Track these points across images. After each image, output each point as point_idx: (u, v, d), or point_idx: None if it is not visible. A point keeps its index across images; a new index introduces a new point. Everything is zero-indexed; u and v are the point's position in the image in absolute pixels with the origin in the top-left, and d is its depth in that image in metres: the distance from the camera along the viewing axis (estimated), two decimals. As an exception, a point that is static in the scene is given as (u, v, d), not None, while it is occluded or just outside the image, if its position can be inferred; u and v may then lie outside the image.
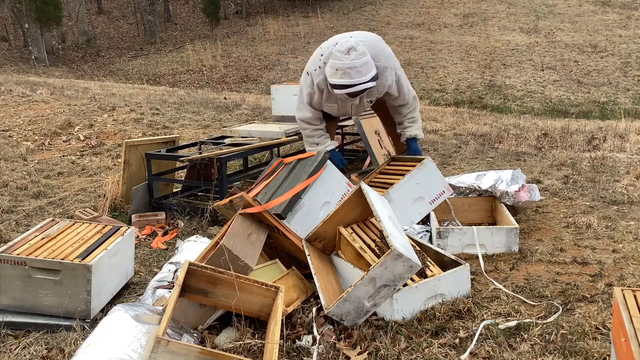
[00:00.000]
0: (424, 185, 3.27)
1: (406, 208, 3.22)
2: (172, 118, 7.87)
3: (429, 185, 3.29)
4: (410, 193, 3.24)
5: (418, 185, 3.26)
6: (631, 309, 1.83)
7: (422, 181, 3.26)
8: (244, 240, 2.68)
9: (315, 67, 3.50)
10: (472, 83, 16.43)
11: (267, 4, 30.11)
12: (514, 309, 2.56)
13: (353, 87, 3.25)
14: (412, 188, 3.25)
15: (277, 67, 19.84)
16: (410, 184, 3.24)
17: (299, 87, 3.69)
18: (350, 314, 2.40)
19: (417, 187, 3.26)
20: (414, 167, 3.27)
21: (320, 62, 3.47)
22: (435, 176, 3.33)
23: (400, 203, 3.17)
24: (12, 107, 8.49)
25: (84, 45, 25.52)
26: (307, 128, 3.68)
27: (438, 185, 3.33)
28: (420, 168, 3.26)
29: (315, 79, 3.49)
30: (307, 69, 3.57)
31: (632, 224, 3.63)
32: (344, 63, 3.22)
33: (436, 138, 6.89)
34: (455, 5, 25.54)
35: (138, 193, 4.13)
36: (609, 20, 21.80)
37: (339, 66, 3.24)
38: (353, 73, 3.22)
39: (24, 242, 2.69)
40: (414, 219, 3.31)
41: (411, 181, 3.24)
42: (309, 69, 3.55)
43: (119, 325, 2.15)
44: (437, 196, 3.32)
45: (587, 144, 6.40)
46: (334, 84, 3.30)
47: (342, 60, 3.23)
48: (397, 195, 3.19)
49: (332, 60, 3.29)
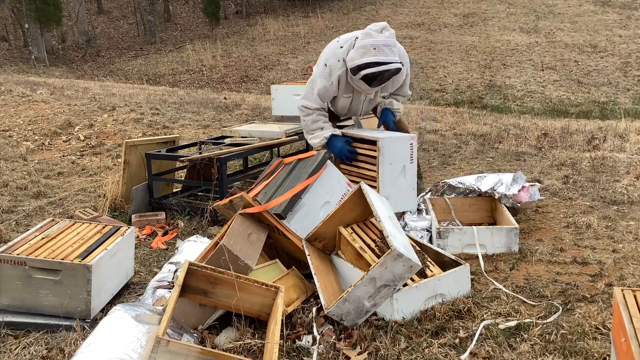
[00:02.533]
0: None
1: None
2: (172, 118, 7.87)
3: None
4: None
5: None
6: (631, 309, 1.83)
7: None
8: (244, 240, 2.68)
9: (336, 59, 3.46)
10: (472, 83, 16.43)
11: (267, 4, 30.11)
12: (514, 309, 2.56)
13: (387, 65, 3.24)
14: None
15: (277, 67, 19.84)
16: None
17: (312, 77, 3.63)
18: (350, 314, 2.40)
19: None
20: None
21: (340, 54, 3.45)
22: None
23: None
24: (12, 107, 8.49)
25: (84, 45, 25.52)
26: (311, 114, 3.60)
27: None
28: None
29: (336, 71, 3.45)
30: (326, 60, 3.50)
31: (632, 224, 3.63)
32: (379, 40, 3.22)
33: (436, 138, 6.89)
34: (455, 5, 25.54)
35: (138, 193, 4.13)
36: (609, 20, 21.81)
37: (373, 43, 3.22)
38: (387, 51, 3.23)
39: (24, 242, 2.69)
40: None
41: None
42: (327, 61, 3.49)
43: (119, 325, 2.15)
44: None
45: (587, 144, 6.40)
46: (366, 63, 3.24)
47: (377, 38, 3.23)
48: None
49: (363, 40, 3.27)
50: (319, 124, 3.60)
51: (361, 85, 3.42)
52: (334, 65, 3.46)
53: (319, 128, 3.60)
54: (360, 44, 3.29)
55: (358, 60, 3.29)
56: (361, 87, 3.44)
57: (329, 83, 3.49)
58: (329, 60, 3.50)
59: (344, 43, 3.48)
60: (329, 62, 3.49)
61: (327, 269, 2.78)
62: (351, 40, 3.45)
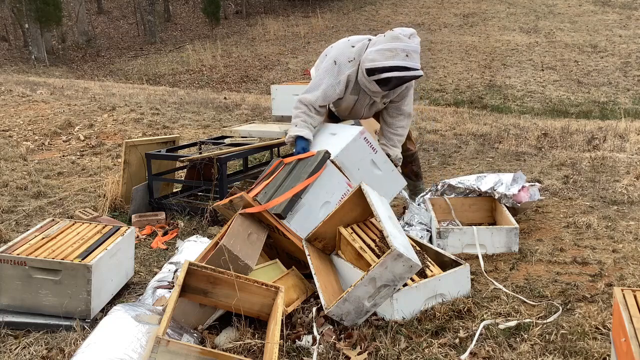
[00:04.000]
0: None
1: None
2: (172, 118, 7.87)
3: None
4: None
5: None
6: (631, 309, 1.83)
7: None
8: (244, 240, 2.68)
9: (347, 58, 3.44)
10: (472, 83, 16.44)
11: (267, 4, 30.11)
12: (514, 309, 2.56)
13: (413, 71, 3.28)
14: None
15: (277, 67, 19.85)
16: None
17: (319, 73, 3.57)
18: (350, 314, 2.40)
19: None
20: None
21: (352, 54, 3.43)
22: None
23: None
24: (12, 107, 8.49)
25: (84, 45, 25.53)
26: (300, 109, 3.50)
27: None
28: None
29: (345, 70, 3.43)
30: (335, 58, 3.47)
31: (632, 224, 3.63)
32: (410, 46, 3.26)
33: (436, 138, 6.89)
34: (455, 5, 25.55)
35: (138, 193, 4.13)
36: (609, 20, 21.81)
37: (404, 48, 3.25)
38: (416, 57, 3.28)
39: (24, 242, 2.69)
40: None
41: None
42: (337, 59, 3.45)
43: (119, 325, 2.15)
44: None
45: (587, 144, 6.40)
46: (394, 66, 3.25)
47: (408, 44, 3.26)
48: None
49: (391, 43, 3.27)
50: (297, 120, 3.52)
51: (372, 88, 3.39)
52: (344, 65, 3.43)
53: (294, 124, 3.53)
54: (388, 46, 3.27)
55: (383, 62, 3.26)
56: (372, 89, 3.40)
57: (337, 81, 3.46)
58: (338, 59, 3.46)
59: (356, 43, 3.46)
60: (339, 60, 3.45)
61: (327, 269, 2.78)
62: (364, 41, 3.43)
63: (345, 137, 3.39)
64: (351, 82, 3.46)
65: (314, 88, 3.52)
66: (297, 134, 3.43)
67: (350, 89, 3.50)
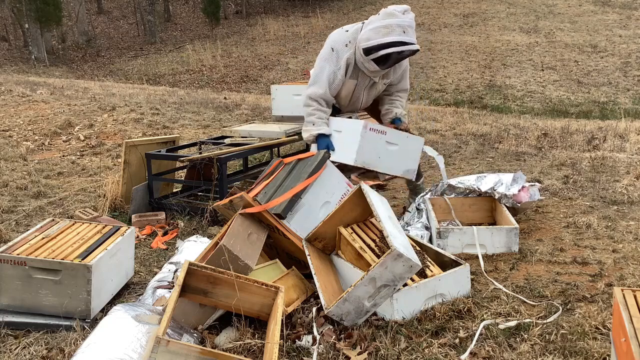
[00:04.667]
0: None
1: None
2: (172, 118, 7.87)
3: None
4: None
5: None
6: (631, 309, 1.83)
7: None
8: (244, 240, 2.68)
9: (343, 43, 3.49)
10: (472, 83, 16.43)
11: (267, 4, 30.11)
12: (514, 309, 2.56)
13: (409, 46, 3.31)
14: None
15: (277, 67, 19.85)
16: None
17: (318, 64, 3.60)
18: (350, 314, 2.40)
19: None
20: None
21: (347, 38, 3.49)
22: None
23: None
24: (12, 107, 8.49)
25: (84, 45, 25.53)
26: (312, 105, 3.56)
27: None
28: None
29: (343, 54, 3.47)
30: (332, 45, 3.51)
31: (632, 224, 3.63)
32: (405, 21, 3.30)
33: (436, 138, 6.89)
34: (455, 5, 25.55)
35: (138, 193, 4.13)
36: (609, 20, 21.81)
37: (399, 23, 3.28)
38: (411, 32, 3.32)
39: (24, 242, 2.69)
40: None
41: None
42: (334, 45, 3.50)
43: (119, 325, 2.15)
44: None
45: (587, 144, 6.39)
46: (391, 42, 3.28)
47: (403, 19, 3.30)
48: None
49: (386, 20, 3.31)
50: (313, 118, 3.57)
51: (370, 67, 3.42)
52: (341, 50, 3.47)
53: (310, 122, 3.57)
54: (383, 23, 3.31)
55: (380, 39, 3.30)
56: (370, 68, 3.44)
57: (337, 67, 3.50)
58: (335, 45, 3.50)
59: (350, 28, 3.53)
60: (336, 46, 3.49)
61: (327, 269, 2.78)
62: (357, 26, 3.49)
63: (353, 136, 3.41)
64: (350, 66, 3.50)
65: (317, 80, 3.55)
66: (319, 132, 3.52)
67: (349, 73, 3.53)
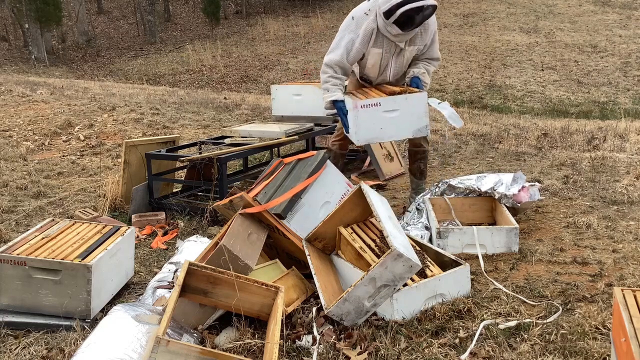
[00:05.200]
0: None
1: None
2: (172, 118, 7.87)
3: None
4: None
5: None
6: (631, 309, 1.83)
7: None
8: (244, 240, 2.68)
9: (363, 12, 3.52)
10: (472, 83, 16.43)
11: (267, 4, 30.10)
12: (514, 309, 2.56)
13: (426, 1, 3.30)
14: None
15: (277, 67, 19.84)
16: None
17: (339, 33, 3.63)
18: (350, 314, 2.40)
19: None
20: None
21: (367, 7, 3.52)
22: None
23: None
24: (12, 107, 8.49)
25: (84, 45, 25.52)
26: (327, 72, 3.61)
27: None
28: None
29: (363, 21, 3.50)
30: (353, 14, 3.57)
31: (632, 224, 3.63)
32: None
33: (436, 138, 6.89)
34: (455, 5, 25.54)
35: (138, 193, 4.13)
36: (609, 20, 21.80)
37: None
38: None
39: (24, 242, 2.69)
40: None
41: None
42: (355, 15, 3.55)
43: (119, 325, 2.15)
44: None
45: (587, 144, 6.39)
46: (402, 1, 3.29)
47: None
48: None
49: None
50: (327, 85, 3.63)
51: (393, 31, 3.42)
52: (361, 18, 3.51)
53: (325, 89, 3.64)
54: None
55: (390, 1, 3.32)
56: (393, 32, 3.43)
57: (356, 35, 3.52)
58: (355, 14, 3.55)
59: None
60: (356, 15, 3.54)
61: (327, 269, 2.78)
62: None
63: (350, 117, 3.47)
64: (373, 34, 3.50)
65: (335, 47, 3.60)
66: (331, 98, 3.58)
67: (372, 42, 3.53)
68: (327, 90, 3.62)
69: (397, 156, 5.43)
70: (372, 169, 5.39)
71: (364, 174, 5.41)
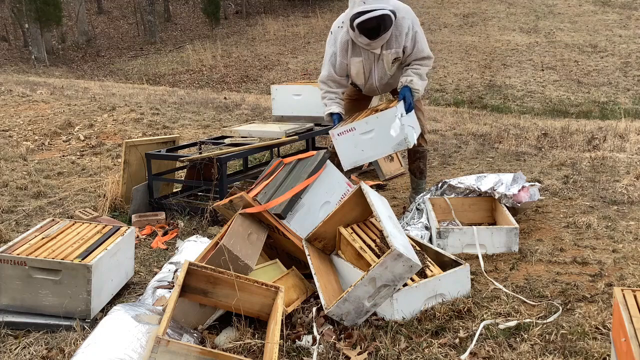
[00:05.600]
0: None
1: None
2: (172, 118, 7.87)
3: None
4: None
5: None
6: (631, 309, 1.83)
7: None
8: (244, 240, 2.68)
9: (337, 25, 3.69)
10: (472, 83, 16.43)
11: (267, 4, 30.10)
12: (514, 309, 2.56)
13: (372, 12, 3.36)
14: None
15: (277, 67, 19.84)
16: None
17: (325, 50, 3.82)
18: (350, 314, 2.40)
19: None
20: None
21: (341, 19, 3.67)
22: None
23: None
24: (12, 107, 8.49)
25: (84, 45, 25.52)
26: (322, 89, 3.81)
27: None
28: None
29: (338, 34, 3.64)
30: (332, 28, 3.74)
31: (632, 224, 3.63)
32: None
33: (436, 138, 6.89)
34: (455, 5, 25.53)
35: (138, 193, 4.13)
36: (609, 20, 21.80)
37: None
38: (372, 0, 3.37)
39: (24, 242, 2.69)
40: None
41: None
42: (332, 29, 3.72)
43: (119, 325, 2.15)
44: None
45: (587, 144, 6.39)
46: (356, 13, 3.39)
47: None
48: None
49: None
50: (324, 100, 3.82)
51: (362, 40, 3.52)
52: (336, 31, 3.67)
53: (324, 104, 3.82)
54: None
55: (350, 14, 3.45)
56: (363, 42, 3.53)
57: (335, 48, 3.67)
58: (333, 28, 3.72)
59: (348, 10, 3.60)
60: (333, 29, 3.71)
61: (327, 269, 2.78)
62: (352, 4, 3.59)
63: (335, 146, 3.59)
64: (348, 45, 3.65)
65: (323, 63, 3.83)
66: (328, 112, 3.78)
67: (350, 52, 3.67)
68: (325, 105, 3.82)
69: (397, 156, 5.43)
70: (372, 169, 5.39)
71: (364, 174, 5.41)
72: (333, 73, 3.72)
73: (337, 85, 3.77)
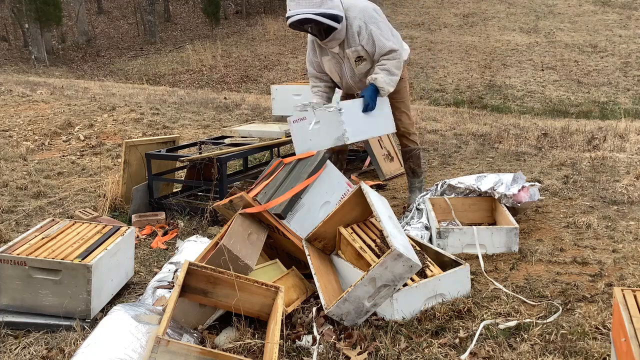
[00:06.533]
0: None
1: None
2: (172, 118, 7.87)
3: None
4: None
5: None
6: (631, 309, 1.83)
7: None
8: (244, 240, 2.68)
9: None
10: (472, 83, 16.43)
11: (267, 4, 30.09)
12: (514, 309, 2.56)
13: (294, 17, 3.40)
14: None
15: (277, 67, 19.84)
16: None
17: None
18: (350, 314, 2.40)
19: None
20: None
21: None
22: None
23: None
24: (12, 107, 8.49)
25: (84, 45, 25.51)
26: (310, 84, 4.01)
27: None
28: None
29: (309, 37, 3.79)
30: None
31: (632, 224, 3.63)
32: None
33: (436, 138, 6.89)
34: (455, 5, 25.53)
35: (138, 193, 4.13)
36: (609, 20, 21.80)
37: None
38: (293, 4, 3.41)
39: (24, 242, 2.69)
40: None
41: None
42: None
43: (119, 325, 2.15)
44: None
45: (587, 144, 6.39)
46: (285, 18, 3.49)
47: None
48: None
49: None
50: (311, 94, 3.98)
51: (319, 41, 3.64)
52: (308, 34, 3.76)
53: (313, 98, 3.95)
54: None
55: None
56: (320, 42, 3.65)
57: (308, 50, 3.88)
58: None
59: None
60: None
61: (327, 269, 2.78)
62: None
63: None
64: (315, 44, 3.80)
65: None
66: (311, 101, 3.84)
67: (318, 52, 3.82)
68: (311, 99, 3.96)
69: (397, 156, 5.43)
70: (372, 169, 5.39)
71: (364, 174, 5.41)
72: (312, 70, 3.91)
73: (319, 80, 3.93)
